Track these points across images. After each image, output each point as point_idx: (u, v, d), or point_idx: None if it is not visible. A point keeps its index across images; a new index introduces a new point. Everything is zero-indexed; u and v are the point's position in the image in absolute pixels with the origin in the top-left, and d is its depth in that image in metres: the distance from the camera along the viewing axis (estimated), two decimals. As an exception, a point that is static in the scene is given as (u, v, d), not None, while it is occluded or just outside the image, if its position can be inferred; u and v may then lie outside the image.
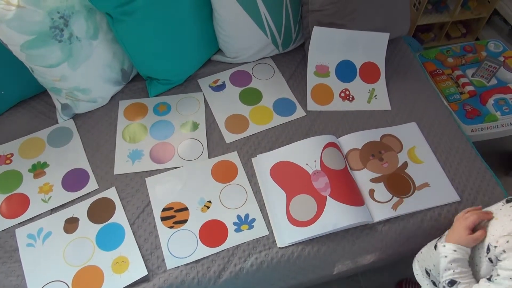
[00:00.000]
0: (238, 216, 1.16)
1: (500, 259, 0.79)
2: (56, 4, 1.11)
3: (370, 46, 1.47)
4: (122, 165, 1.26)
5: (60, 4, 1.12)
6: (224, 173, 1.24)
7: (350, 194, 1.15)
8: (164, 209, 1.17)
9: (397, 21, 1.53)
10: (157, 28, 1.28)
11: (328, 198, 1.13)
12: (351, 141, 1.30)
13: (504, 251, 0.77)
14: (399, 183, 1.21)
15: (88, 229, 1.13)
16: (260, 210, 1.17)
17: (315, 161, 1.21)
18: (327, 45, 1.45)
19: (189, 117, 1.38)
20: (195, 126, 1.36)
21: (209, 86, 1.48)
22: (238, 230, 1.13)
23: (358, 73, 1.48)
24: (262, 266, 1.09)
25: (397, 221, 1.16)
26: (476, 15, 2.14)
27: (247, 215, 1.16)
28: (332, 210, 1.11)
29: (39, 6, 1.08)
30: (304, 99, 1.43)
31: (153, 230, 1.13)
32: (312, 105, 1.42)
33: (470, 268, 0.86)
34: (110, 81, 1.37)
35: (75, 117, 1.38)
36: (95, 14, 1.23)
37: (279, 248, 1.10)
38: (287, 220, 1.13)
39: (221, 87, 1.48)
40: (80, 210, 1.16)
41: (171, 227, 1.14)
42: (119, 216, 1.15)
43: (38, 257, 1.08)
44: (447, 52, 1.80)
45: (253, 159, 1.28)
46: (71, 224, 1.14)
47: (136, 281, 1.04)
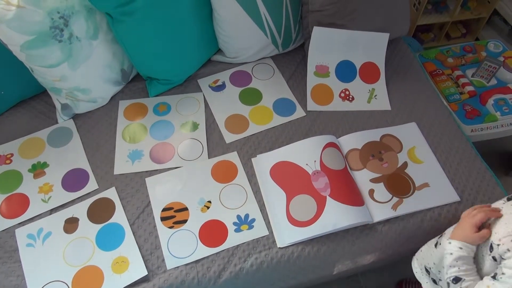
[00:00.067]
0: (238, 216, 1.16)
1: (504, 258, 0.78)
2: (56, 4, 1.11)
3: (370, 46, 1.47)
4: (122, 165, 1.26)
5: (60, 4, 1.12)
6: (224, 173, 1.24)
7: (350, 194, 1.15)
8: (164, 209, 1.17)
9: (397, 21, 1.53)
10: (157, 28, 1.28)
11: (328, 198, 1.13)
12: (351, 141, 1.30)
13: (508, 249, 0.77)
14: (399, 183, 1.21)
15: (88, 229, 1.13)
16: (260, 210, 1.17)
17: (315, 161, 1.21)
18: (327, 45, 1.45)
19: (189, 117, 1.38)
20: (195, 126, 1.36)
21: (209, 86, 1.48)
22: (238, 230, 1.13)
23: (358, 73, 1.48)
24: (262, 266, 1.09)
25: (397, 221, 1.16)
26: (476, 15, 2.14)
27: (247, 215, 1.16)
28: (332, 210, 1.11)
29: (39, 6, 1.08)
30: (304, 99, 1.43)
31: (153, 230, 1.13)
32: (312, 105, 1.42)
33: (474, 265, 0.86)
34: (110, 81, 1.37)
35: (75, 117, 1.38)
36: (95, 14, 1.23)
37: (279, 248, 1.11)
38: (287, 220, 1.13)
39: (221, 87, 1.48)
40: (80, 210, 1.16)
41: (171, 227, 1.14)
42: (119, 216, 1.15)
43: (38, 257, 1.08)
44: (447, 52, 1.81)
45: (253, 159, 1.28)
46: (71, 224, 1.14)
47: (136, 281, 1.04)
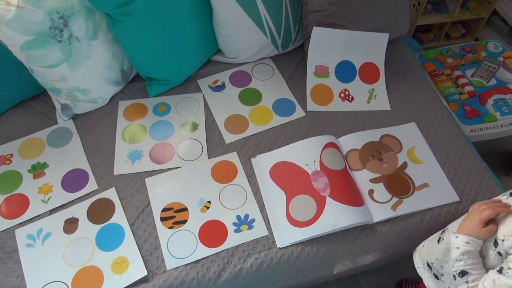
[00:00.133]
0: (238, 217, 1.16)
1: (510, 253, 0.79)
2: (55, 4, 1.11)
3: (369, 46, 1.47)
4: (121, 166, 1.26)
5: (60, 4, 1.12)
6: (223, 174, 1.24)
7: (350, 195, 1.15)
8: (163, 210, 1.17)
9: (396, 21, 1.53)
10: (157, 28, 1.28)
11: (328, 199, 1.13)
12: (351, 142, 1.30)
13: None
14: (398, 183, 1.21)
15: (88, 229, 1.13)
16: (260, 210, 1.17)
17: (314, 161, 1.21)
18: (326, 46, 1.45)
19: (189, 118, 1.38)
20: (194, 126, 1.36)
21: (209, 86, 1.48)
22: (237, 230, 1.13)
23: (357, 74, 1.48)
24: (262, 266, 1.09)
25: (396, 221, 1.16)
26: (475, 16, 2.14)
27: (246, 216, 1.16)
28: (331, 210, 1.11)
29: (39, 7, 1.08)
30: (303, 100, 1.43)
31: (153, 231, 1.13)
32: (311, 106, 1.42)
33: (480, 259, 0.86)
34: (109, 81, 1.37)
35: (75, 118, 1.38)
36: (94, 14, 1.23)
37: (279, 248, 1.11)
38: (287, 220, 1.13)
39: (221, 87, 1.48)
40: (80, 211, 1.16)
41: (170, 228, 1.14)
42: (119, 217, 1.15)
43: (37, 257, 1.08)
44: (446, 53, 1.81)
45: (252, 160, 1.28)
46: (70, 225, 1.14)
47: (135, 281, 1.04)
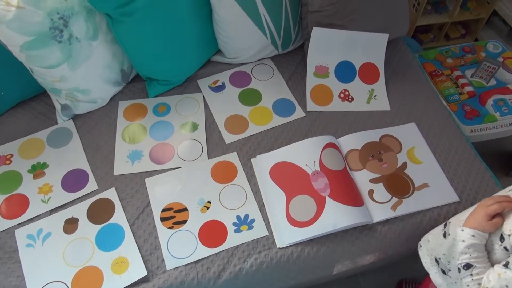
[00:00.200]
0: (238, 217, 1.16)
1: None
2: (55, 5, 1.11)
3: (369, 46, 1.48)
4: (121, 166, 1.26)
5: (60, 5, 1.12)
6: (223, 174, 1.24)
7: (350, 195, 1.16)
8: (163, 210, 1.17)
9: (396, 21, 1.53)
10: (157, 28, 1.28)
11: (328, 199, 1.13)
12: (351, 142, 1.30)
13: None
14: (398, 184, 1.21)
15: (88, 229, 1.13)
16: (260, 210, 1.17)
17: (314, 161, 1.21)
18: (326, 46, 1.45)
19: (189, 118, 1.38)
20: (194, 126, 1.36)
21: (209, 86, 1.48)
22: (237, 230, 1.13)
23: (357, 74, 1.48)
24: (262, 266, 1.09)
25: (396, 221, 1.16)
26: (475, 16, 2.15)
27: (246, 216, 1.16)
28: (331, 210, 1.11)
29: (39, 7, 1.08)
30: (303, 100, 1.43)
31: (153, 231, 1.13)
32: (311, 106, 1.42)
33: (485, 252, 0.85)
34: (109, 81, 1.37)
35: (75, 118, 1.38)
36: (94, 15, 1.23)
37: (279, 248, 1.11)
38: (287, 220, 1.13)
39: (221, 87, 1.48)
40: (80, 211, 1.16)
41: (170, 228, 1.14)
42: (119, 217, 1.15)
43: (37, 257, 1.08)
44: (446, 53, 1.81)
45: (252, 160, 1.28)
46: (70, 225, 1.14)
47: (135, 281, 1.04)
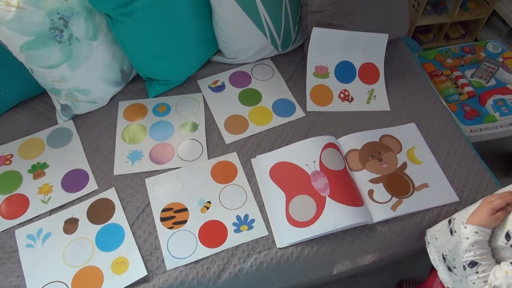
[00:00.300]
0: (238, 217, 1.16)
1: None
2: (55, 5, 1.11)
3: (369, 47, 1.48)
4: (121, 166, 1.26)
5: (60, 5, 1.12)
6: (223, 174, 1.24)
7: (350, 195, 1.16)
8: (163, 210, 1.17)
9: (396, 22, 1.54)
10: (157, 29, 1.28)
11: (328, 199, 1.14)
12: (351, 142, 1.30)
13: None
14: (398, 184, 1.21)
15: (88, 229, 1.13)
16: (260, 210, 1.17)
17: (314, 161, 1.21)
18: (326, 46, 1.45)
19: (189, 118, 1.38)
20: (194, 126, 1.36)
21: (209, 86, 1.48)
22: (237, 230, 1.13)
23: (357, 74, 1.48)
24: (262, 266, 1.09)
25: (396, 221, 1.16)
26: (475, 16, 2.15)
27: (246, 216, 1.16)
28: (331, 210, 1.11)
29: (39, 7, 1.08)
30: (303, 100, 1.43)
31: (153, 231, 1.13)
32: (311, 106, 1.42)
33: (490, 248, 0.85)
34: (109, 82, 1.37)
35: (75, 118, 1.38)
36: (94, 15, 1.23)
37: (279, 248, 1.11)
38: (287, 220, 1.13)
39: (221, 87, 1.48)
40: (80, 211, 1.16)
41: (170, 228, 1.14)
42: (119, 217, 1.15)
43: (37, 257, 1.08)
44: (446, 53, 1.81)
45: (252, 160, 1.28)
46: (70, 225, 1.14)
47: (135, 281, 1.04)
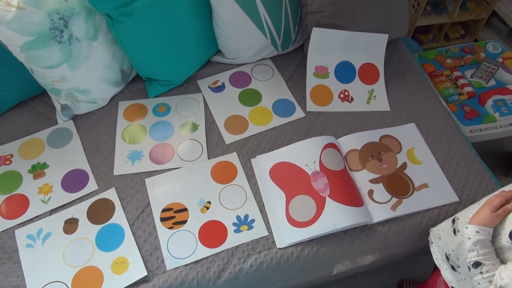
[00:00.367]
0: (238, 217, 1.16)
1: None
2: (56, 5, 1.11)
3: (369, 47, 1.48)
4: (121, 166, 1.26)
5: (60, 5, 1.12)
6: (223, 174, 1.24)
7: (349, 195, 1.16)
8: (163, 210, 1.17)
9: (396, 22, 1.54)
10: (157, 29, 1.28)
11: (328, 199, 1.14)
12: (350, 142, 1.30)
13: None
14: (398, 184, 1.21)
15: (88, 229, 1.13)
16: (260, 210, 1.17)
17: (314, 162, 1.21)
18: (326, 46, 1.45)
19: (189, 118, 1.38)
20: (194, 127, 1.36)
21: (209, 87, 1.48)
22: (237, 230, 1.13)
23: (357, 74, 1.48)
24: (262, 266, 1.09)
25: (396, 221, 1.16)
26: (474, 17, 2.15)
27: (246, 216, 1.16)
28: (331, 210, 1.11)
29: (39, 7, 1.08)
30: (303, 100, 1.44)
31: (153, 231, 1.13)
32: (311, 106, 1.42)
33: (493, 247, 0.85)
34: (109, 82, 1.37)
35: (75, 118, 1.38)
36: (94, 15, 1.23)
37: (279, 248, 1.11)
38: (287, 220, 1.13)
39: (221, 88, 1.48)
40: (80, 211, 1.16)
41: (170, 228, 1.14)
42: (119, 217, 1.15)
43: (37, 257, 1.08)
44: (446, 53, 1.81)
45: (252, 160, 1.28)
46: (70, 225, 1.14)
47: (135, 281, 1.04)
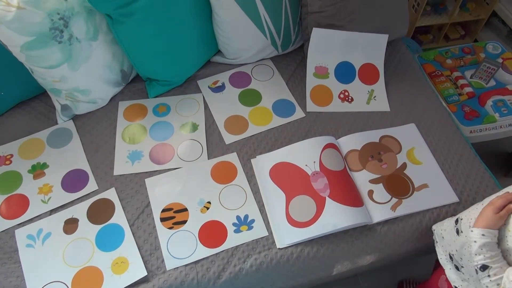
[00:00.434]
0: (238, 217, 1.16)
1: None
2: (56, 5, 1.12)
3: (369, 47, 1.48)
4: (121, 166, 1.26)
5: (60, 5, 1.12)
6: (223, 174, 1.24)
7: (349, 195, 1.16)
8: (163, 210, 1.17)
9: (396, 22, 1.54)
10: (157, 29, 1.28)
11: (327, 199, 1.14)
12: (350, 142, 1.30)
13: None
14: (398, 184, 1.21)
15: (88, 229, 1.13)
16: (260, 211, 1.17)
17: (314, 162, 1.21)
18: (326, 47, 1.45)
19: (189, 118, 1.38)
20: (194, 127, 1.36)
21: (209, 87, 1.48)
22: (237, 231, 1.13)
23: (357, 74, 1.48)
24: (261, 267, 1.09)
25: (396, 222, 1.16)
26: (474, 17, 2.15)
27: (246, 216, 1.16)
28: (331, 211, 1.12)
29: (39, 7, 1.09)
30: (303, 100, 1.44)
31: (153, 231, 1.13)
32: (311, 106, 1.42)
33: (499, 250, 0.85)
34: (109, 82, 1.37)
35: (75, 118, 1.38)
36: (95, 15, 1.23)
37: (278, 249, 1.11)
38: (287, 221, 1.13)
39: (221, 88, 1.48)
40: (80, 211, 1.17)
41: (170, 228, 1.14)
42: (119, 217, 1.15)
43: (37, 258, 1.08)
44: (445, 54, 1.81)
45: (252, 160, 1.28)
46: (70, 225, 1.14)
47: (135, 281, 1.04)
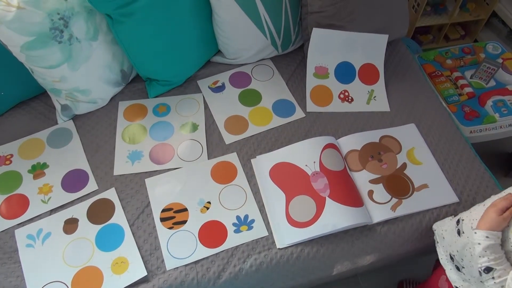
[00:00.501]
0: (238, 217, 1.16)
1: None
2: (56, 5, 1.12)
3: (369, 47, 1.48)
4: (121, 166, 1.26)
5: (60, 5, 1.12)
6: (223, 174, 1.24)
7: (349, 195, 1.16)
8: (163, 210, 1.17)
9: (396, 22, 1.54)
10: (157, 29, 1.28)
11: (327, 199, 1.14)
12: (350, 142, 1.30)
13: None
14: (398, 184, 1.21)
15: (88, 229, 1.13)
16: (260, 211, 1.17)
17: (314, 162, 1.21)
18: (326, 47, 1.45)
19: (189, 118, 1.38)
20: (194, 127, 1.36)
21: (209, 87, 1.48)
22: (237, 231, 1.13)
23: (357, 75, 1.49)
24: (261, 267, 1.09)
25: (396, 222, 1.16)
26: (474, 17, 2.15)
27: (246, 216, 1.16)
28: (331, 211, 1.12)
29: (39, 7, 1.09)
30: (303, 100, 1.44)
31: (153, 231, 1.13)
32: (311, 106, 1.42)
33: (503, 252, 0.85)
34: (109, 82, 1.37)
35: (75, 118, 1.38)
36: (95, 15, 1.23)
37: (278, 249, 1.11)
38: (286, 221, 1.13)
39: (221, 88, 1.48)
40: (80, 211, 1.17)
41: (170, 228, 1.14)
42: (119, 217, 1.15)
43: (37, 257, 1.08)
44: (445, 54, 1.81)
45: (252, 160, 1.28)
46: (70, 225, 1.14)
47: (135, 281, 1.04)
